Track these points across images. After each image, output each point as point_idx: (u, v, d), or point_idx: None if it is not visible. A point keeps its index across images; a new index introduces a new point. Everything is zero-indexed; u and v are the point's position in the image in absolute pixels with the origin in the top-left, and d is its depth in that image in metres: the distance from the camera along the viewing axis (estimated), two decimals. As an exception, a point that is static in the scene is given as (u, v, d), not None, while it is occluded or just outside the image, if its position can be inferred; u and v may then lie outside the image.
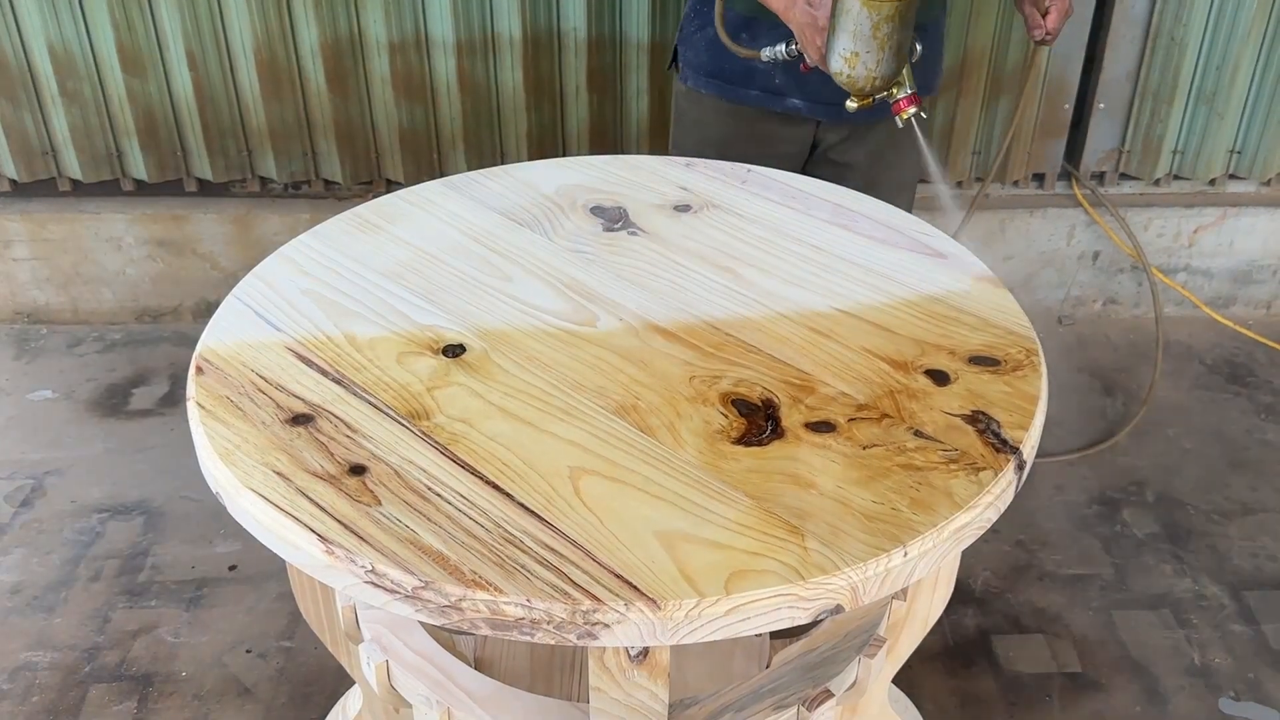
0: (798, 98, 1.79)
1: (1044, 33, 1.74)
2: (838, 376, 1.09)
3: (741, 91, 1.81)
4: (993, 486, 0.95)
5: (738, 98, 1.82)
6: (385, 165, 2.58)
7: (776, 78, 1.78)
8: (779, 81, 1.78)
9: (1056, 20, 1.73)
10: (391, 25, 2.40)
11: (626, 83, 2.50)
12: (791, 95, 1.79)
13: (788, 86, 1.78)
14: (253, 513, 0.92)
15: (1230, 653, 1.85)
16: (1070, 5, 1.75)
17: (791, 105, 1.80)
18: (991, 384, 1.08)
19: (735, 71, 1.79)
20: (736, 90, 1.81)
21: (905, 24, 1.48)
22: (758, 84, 1.80)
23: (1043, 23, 1.73)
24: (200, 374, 1.08)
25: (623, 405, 1.05)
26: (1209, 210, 2.66)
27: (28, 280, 2.68)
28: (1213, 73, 2.50)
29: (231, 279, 2.67)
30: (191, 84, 2.46)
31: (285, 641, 1.85)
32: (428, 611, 0.86)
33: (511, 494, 0.94)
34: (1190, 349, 2.66)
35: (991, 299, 1.22)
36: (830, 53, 1.52)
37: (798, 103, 1.79)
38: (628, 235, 1.35)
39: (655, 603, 0.84)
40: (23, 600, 1.94)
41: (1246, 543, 2.08)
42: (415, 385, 1.07)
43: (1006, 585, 1.99)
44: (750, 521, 0.91)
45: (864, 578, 0.87)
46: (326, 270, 1.26)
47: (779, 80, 1.78)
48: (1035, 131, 2.58)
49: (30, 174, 2.58)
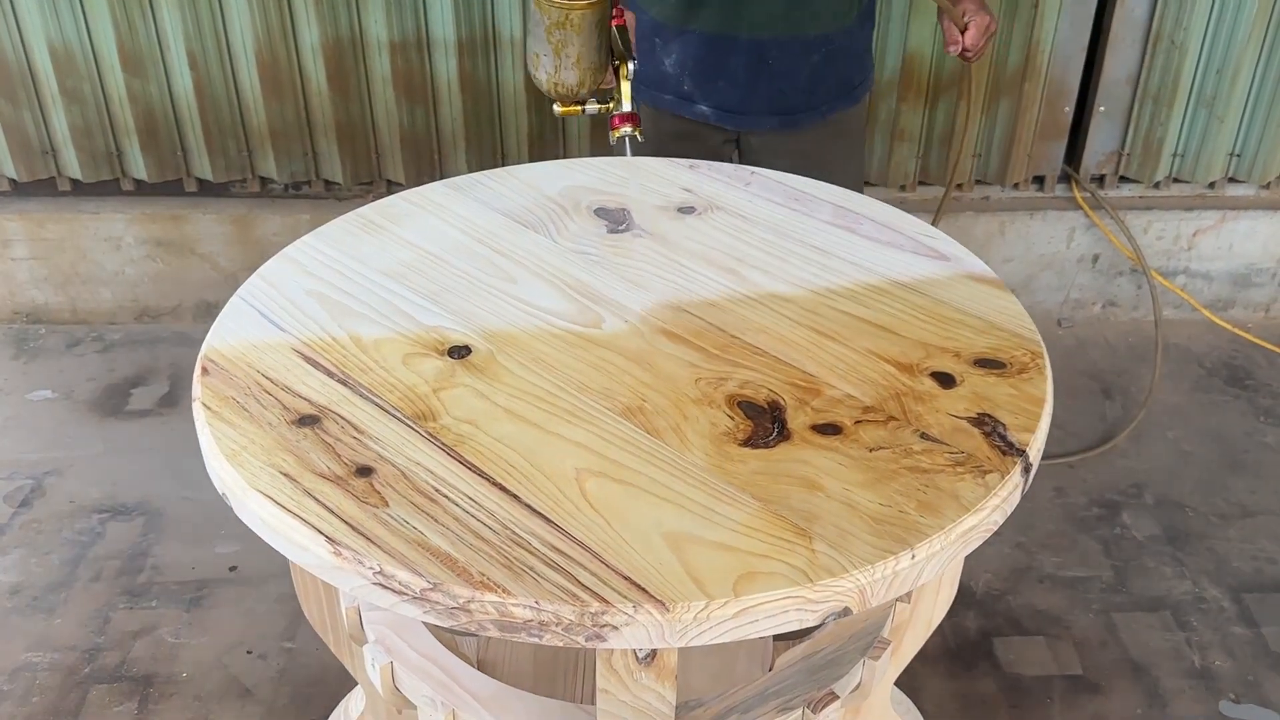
0: (705, 104, 1.77)
1: (960, 49, 1.72)
2: (843, 379, 1.09)
3: (658, 96, 1.80)
4: (999, 489, 0.95)
5: (655, 102, 1.81)
6: (386, 165, 2.58)
7: (685, 84, 1.76)
8: (687, 88, 1.76)
9: (975, 37, 1.71)
10: (393, 25, 2.40)
11: (627, 84, 2.49)
12: (699, 102, 1.77)
13: (695, 94, 1.76)
14: (260, 514, 0.92)
15: (1230, 655, 1.86)
16: (994, 23, 1.73)
17: (700, 112, 1.78)
18: (997, 387, 1.08)
19: (651, 75, 1.78)
20: (653, 94, 1.80)
21: (582, 35, 1.39)
22: (670, 89, 1.78)
23: (960, 39, 1.71)
24: (206, 375, 1.08)
25: (629, 407, 1.05)
26: (1208, 213, 2.66)
27: (26, 280, 2.67)
28: (1213, 76, 2.51)
29: (231, 279, 2.67)
30: (192, 83, 2.46)
31: (286, 642, 1.85)
32: (436, 613, 0.86)
33: (518, 496, 0.94)
34: (1189, 352, 2.66)
35: (995, 302, 1.22)
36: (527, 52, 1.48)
37: (705, 109, 1.77)
38: (632, 237, 1.35)
39: (664, 605, 0.84)
40: (22, 601, 1.93)
41: (1246, 545, 2.09)
42: (421, 386, 1.07)
43: (1007, 587, 1.99)
44: (757, 524, 0.91)
45: (872, 580, 0.87)
46: (331, 271, 1.26)
47: (687, 86, 1.76)
48: (1035, 134, 2.59)
49: (30, 173, 2.58)
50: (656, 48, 1.72)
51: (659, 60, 1.75)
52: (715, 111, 1.76)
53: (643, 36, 1.74)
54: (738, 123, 1.77)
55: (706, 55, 1.70)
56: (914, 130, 2.56)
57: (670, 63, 1.73)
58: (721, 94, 1.74)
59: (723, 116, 1.76)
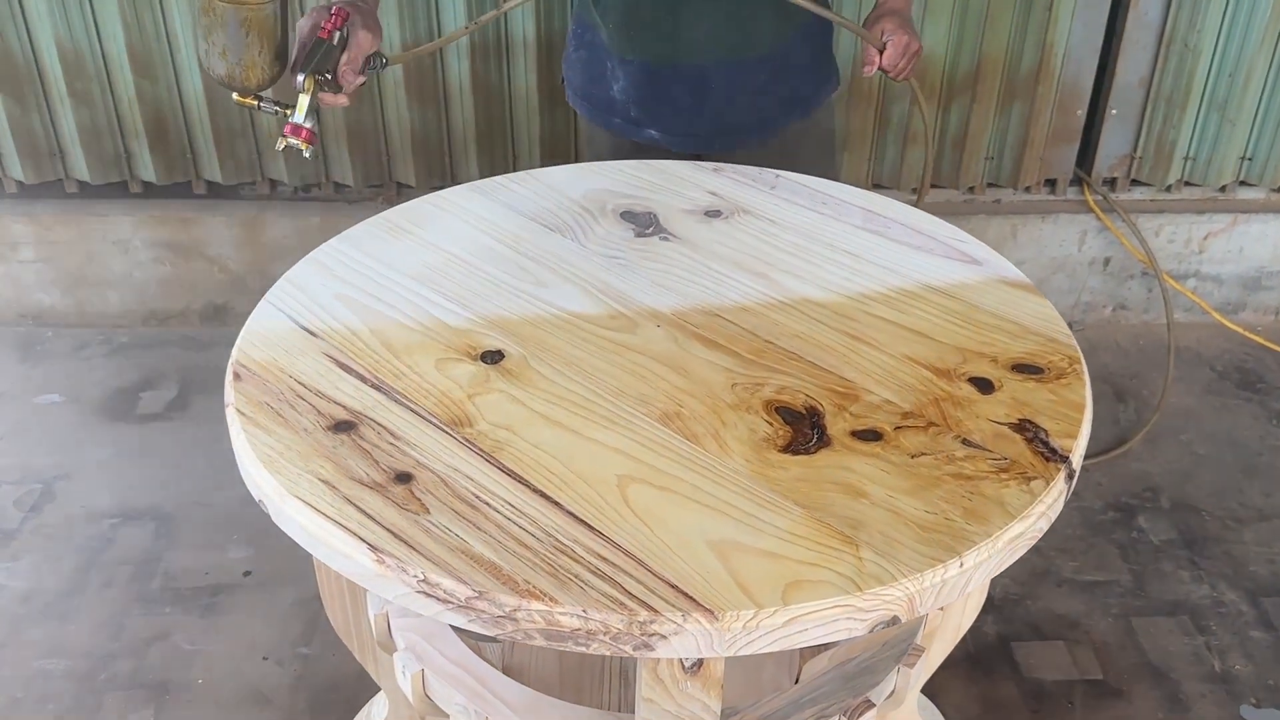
0: (653, 129, 1.71)
1: (874, 68, 1.60)
2: (881, 384, 1.09)
3: (608, 119, 1.74)
4: (1045, 496, 0.95)
5: (607, 125, 1.75)
6: (397, 168, 2.57)
7: (631, 109, 1.71)
8: (634, 114, 1.71)
9: (893, 56, 1.58)
10: (405, 27, 2.39)
11: (640, 86, 2.49)
12: (647, 127, 1.71)
13: (642, 119, 1.71)
14: (300, 521, 0.91)
15: (1250, 659, 1.85)
16: (914, 42, 1.60)
17: (649, 136, 1.72)
18: (1036, 392, 1.07)
19: (599, 98, 1.73)
20: (605, 117, 1.75)
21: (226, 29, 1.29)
22: (617, 113, 1.73)
23: (875, 59, 1.59)
24: (238, 380, 1.06)
25: (666, 413, 1.04)
26: (1220, 216, 2.66)
27: (33, 282, 2.65)
28: (1225, 79, 2.50)
29: (240, 282, 2.65)
30: (202, 85, 2.44)
31: (303, 648, 1.84)
32: (481, 622, 0.85)
33: (560, 503, 0.93)
34: (1200, 355, 2.66)
35: (1030, 306, 1.22)
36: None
37: (654, 134, 1.71)
38: (660, 241, 1.34)
39: (712, 613, 0.83)
40: (35, 607, 1.92)
41: (1263, 549, 2.08)
42: (456, 392, 1.06)
43: (1025, 592, 1.98)
44: (803, 531, 0.91)
45: (921, 588, 0.86)
46: (358, 275, 1.25)
47: (634, 112, 1.70)
48: (1048, 137, 2.58)
49: (38, 175, 2.56)
50: (607, 73, 1.68)
51: (608, 85, 1.71)
52: (664, 136, 1.71)
53: (594, 59, 1.70)
54: (684, 145, 1.72)
55: (648, 83, 1.66)
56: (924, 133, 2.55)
57: (618, 89, 1.69)
58: (668, 120, 1.69)
59: (671, 141, 1.72)
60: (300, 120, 1.37)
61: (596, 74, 1.71)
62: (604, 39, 1.67)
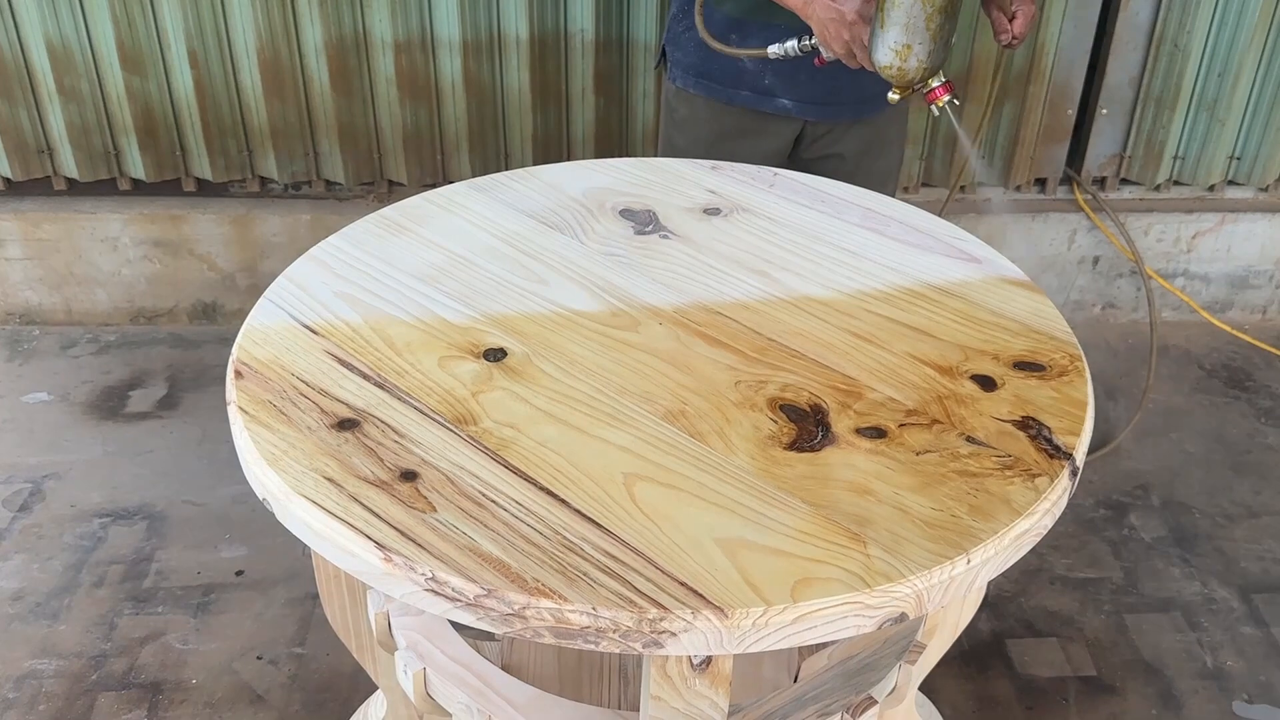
0: (787, 98, 1.79)
1: (1010, 37, 1.72)
2: (884, 382, 1.09)
3: (731, 92, 1.82)
4: (1049, 493, 0.95)
5: (727, 98, 1.82)
6: (388, 166, 2.56)
7: (766, 78, 1.78)
8: (768, 82, 1.78)
9: (1023, 25, 1.71)
10: (397, 24, 2.38)
11: (633, 86, 2.49)
12: (780, 96, 1.79)
13: (776, 87, 1.79)
14: (305, 519, 0.91)
15: (1242, 656, 1.87)
16: (1036, 12, 1.73)
17: (781, 105, 1.80)
18: (1039, 390, 1.08)
19: (724, 72, 1.80)
20: (726, 91, 1.82)
21: (953, 13, 1.50)
22: (747, 84, 1.80)
23: (1009, 27, 1.71)
24: (240, 378, 1.06)
25: (670, 410, 1.04)
26: (1208, 216, 2.68)
27: (20, 280, 2.63)
28: (1215, 79, 2.52)
29: (229, 280, 2.64)
30: (192, 82, 2.43)
31: (296, 648, 1.83)
32: (490, 620, 0.84)
33: (567, 500, 0.93)
34: (1189, 353, 2.68)
35: (1030, 304, 1.22)
36: (878, 47, 1.51)
37: (787, 103, 1.80)
38: (659, 239, 1.34)
39: (722, 611, 0.83)
40: (25, 607, 1.90)
41: (1253, 546, 2.10)
42: (459, 390, 1.06)
43: (1018, 589, 1.99)
44: (811, 528, 0.91)
45: (929, 585, 0.87)
46: (358, 273, 1.24)
47: (768, 81, 1.78)
48: (1038, 136, 2.59)
49: (25, 172, 2.54)
50: (732, 43, 1.72)
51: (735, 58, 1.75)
52: (798, 105, 1.79)
53: (718, 34, 1.73)
54: (821, 113, 1.80)
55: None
56: (918, 132, 2.57)
57: (748, 59, 1.74)
58: (804, 87, 1.76)
59: (805, 109, 1.79)
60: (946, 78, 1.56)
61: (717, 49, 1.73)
62: (729, 10, 1.73)
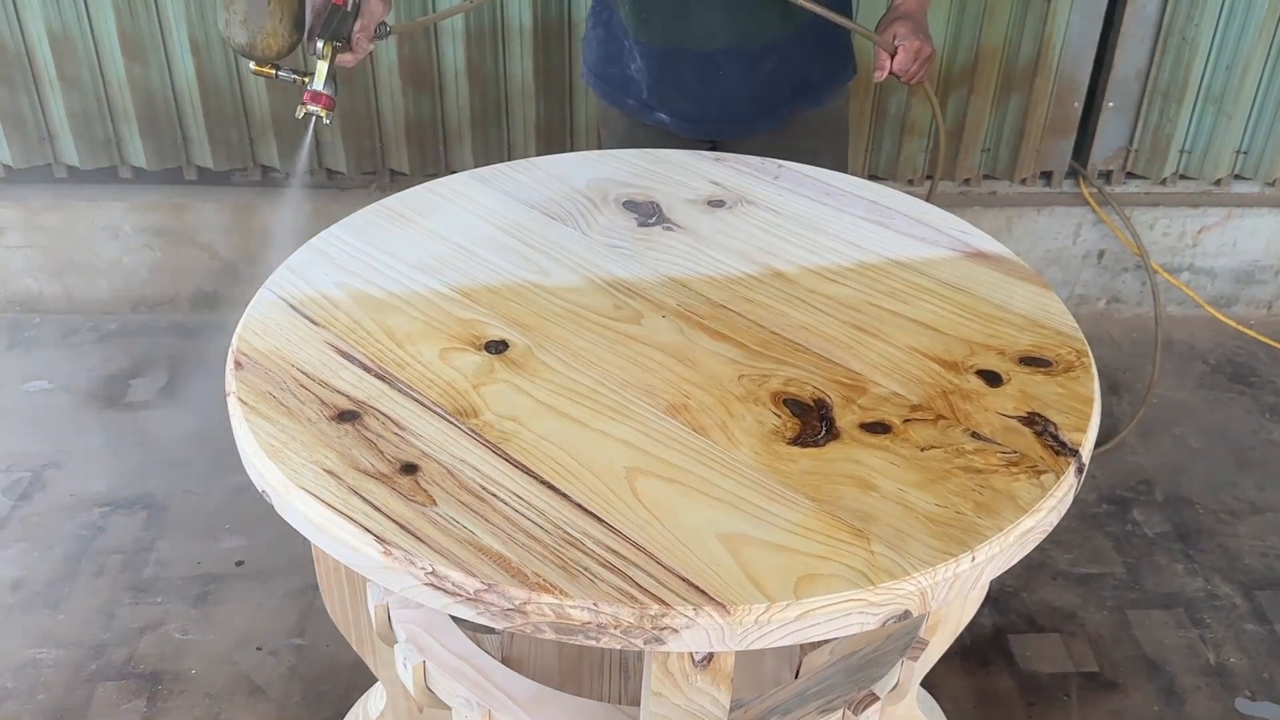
0: (662, 113, 1.71)
1: (885, 74, 1.59)
2: (888, 376, 1.08)
3: (622, 99, 1.75)
4: (1055, 490, 0.95)
5: (620, 105, 1.75)
6: (390, 155, 2.55)
7: (644, 92, 1.71)
8: (646, 96, 1.71)
9: (903, 61, 1.57)
10: (400, 12, 2.36)
11: (636, 75, 2.47)
12: (657, 110, 1.71)
13: (653, 101, 1.71)
14: (304, 512, 0.90)
15: (1245, 652, 1.86)
16: (927, 47, 1.58)
17: (659, 120, 1.72)
18: (1044, 385, 1.07)
19: (617, 79, 1.73)
20: (619, 97, 1.75)
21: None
22: (633, 94, 1.73)
23: (886, 64, 1.58)
24: (239, 369, 1.05)
25: (673, 404, 1.03)
26: (1214, 210, 2.67)
27: (21, 268, 2.63)
28: (1222, 73, 2.50)
29: (230, 269, 2.63)
30: (194, 70, 2.42)
31: (296, 639, 1.83)
32: (490, 615, 0.84)
33: (568, 494, 0.92)
34: (1193, 348, 2.67)
35: (1036, 299, 1.21)
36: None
37: (664, 118, 1.72)
38: (663, 230, 1.33)
39: (724, 607, 0.82)
40: (25, 596, 1.90)
41: (1256, 542, 2.09)
42: (460, 382, 1.05)
43: (1021, 584, 1.98)
44: (813, 524, 0.90)
45: (933, 582, 0.86)
46: (359, 263, 1.23)
47: (646, 95, 1.71)
48: (1044, 129, 2.58)
49: (26, 160, 2.54)
50: (624, 52, 1.68)
51: (625, 64, 1.71)
52: (673, 120, 1.72)
53: (611, 38, 1.70)
54: (695, 131, 1.72)
55: (660, 67, 1.66)
56: (923, 125, 2.55)
57: (634, 69, 1.70)
58: (677, 103, 1.69)
59: (679, 125, 1.72)
60: (320, 87, 1.43)
61: (614, 52, 1.70)
62: (621, 18, 1.67)
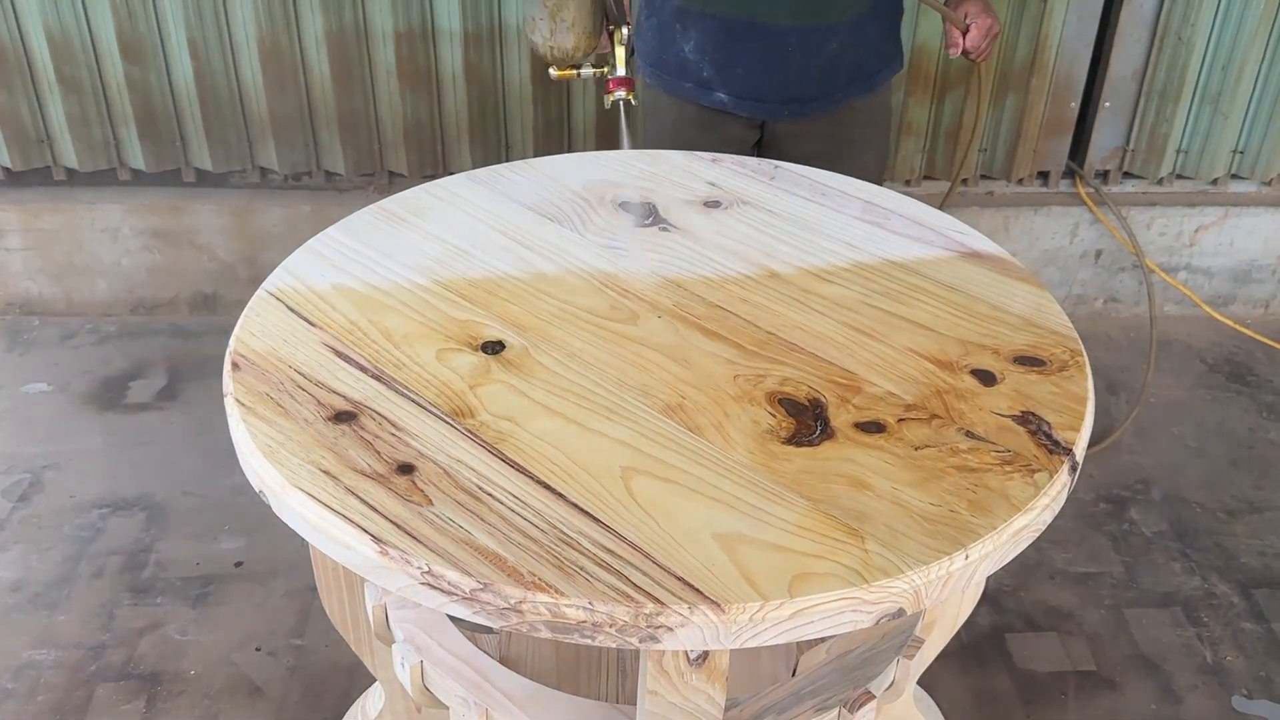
0: (723, 92, 1.76)
1: (961, 51, 1.72)
2: (883, 376, 1.08)
3: (678, 84, 1.80)
4: (1049, 489, 0.95)
5: (676, 90, 1.81)
6: (388, 157, 2.56)
7: (704, 71, 1.76)
8: (706, 75, 1.76)
9: (976, 38, 1.70)
10: (398, 15, 2.37)
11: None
12: (717, 90, 1.76)
13: (714, 80, 1.76)
14: (301, 512, 0.90)
15: (1242, 651, 1.86)
16: (996, 24, 1.73)
17: (719, 100, 1.77)
18: (1039, 385, 1.07)
19: (672, 63, 1.78)
20: (675, 82, 1.80)
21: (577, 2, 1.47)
22: (690, 77, 1.78)
23: (960, 41, 1.72)
24: (237, 370, 1.05)
25: (669, 404, 1.04)
26: (1211, 210, 2.67)
27: (20, 271, 2.63)
28: (1218, 73, 2.51)
29: (229, 271, 2.64)
30: (193, 72, 2.42)
31: (295, 639, 1.83)
32: (486, 614, 0.84)
33: (564, 494, 0.92)
34: (1191, 348, 2.67)
35: (1031, 299, 1.22)
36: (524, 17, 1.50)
37: (724, 97, 1.77)
38: (659, 231, 1.33)
39: (719, 606, 0.82)
40: (24, 597, 1.90)
41: (1254, 541, 2.10)
42: (457, 383, 1.05)
43: (1018, 583, 1.99)
44: (808, 523, 0.90)
45: (927, 581, 0.86)
46: (356, 265, 1.24)
47: (706, 74, 1.76)
48: (1041, 129, 2.59)
49: (25, 162, 2.54)
50: (677, 34, 1.71)
51: (679, 47, 1.74)
52: (733, 99, 1.76)
53: (664, 24, 1.72)
54: (754, 110, 1.76)
55: (726, 42, 1.70)
56: (920, 124, 2.56)
57: (690, 49, 1.73)
58: (740, 81, 1.74)
59: (740, 104, 1.76)
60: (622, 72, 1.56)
61: (668, 38, 1.74)
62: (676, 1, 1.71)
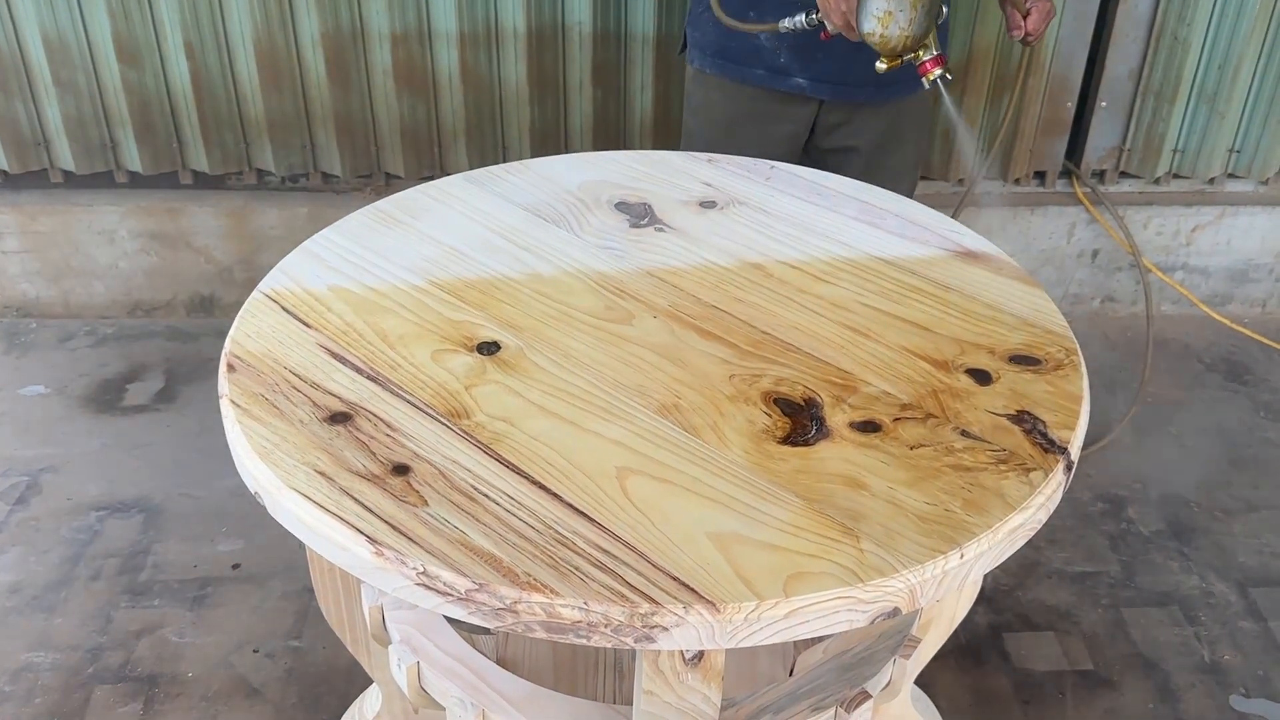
0: (802, 77, 1.80)
1: (1024, 33, 1.74)
2: (879, 375, 1.08)
3: (746, 71, 1.82)
4: (1044, 487, 0.95)
5: (742, 77, 1.83)
6: (385, 159, 2.55)
7: (781, 56, 1.78)
8: (783, 60, 1.79)
9: (1037, 21, 1.73)
10: (394, 16, 2.37)
11: (631, 77, 2.48)
12: (795, 74, 1.80)
13: (791, 65, 1.79)
14: (296, 513, 0.90)
15: (1239, 650, 1.86)
16: (1052, 7, 1.76)
17: (795, 85, 1.81)
18: (1034, 384, 1.07)
19: (740, 51, 1.80)
20: (741, 70, 1.82)
21: None
22: (763, 63, 1.81)
23: (1022, 23, 1.74)
24: (232, 371, 1.05)
25: (664, 404, 1.04)
26: (1207, 209, 2.67)
27: (17, 273, 2.63)
28: (1215, 72, 2.51)
29: (226, 273, 2.63)
30: (189, 74, 2.42)
31: (293, 641, 1.83)
32: (481, 614, 0.84)
33: (559, 494, 0.92)
34: (1188, 347, 2.67)
35: (1027, 298, 1.22)
36: (862, 14, 1.53)
37: (802, 81, 1.80)
38: (655, 231, 1.33)
39: (714, 605, 0.82)
40: (22, 600, 1.90)
41: (1251, 540, 2.10)
42: (452, 383, 1.05)
43: (1016, 582, 1.99)
44: (803, 523, 0.90)
45: (922, 580, 0.86)
46: (352, 266, 1.24)
47: (783, 59, 1.79)
48: (1037, 129, 2.59)
49: (22, 165, 2.54)
50: (750, 20, 1.72)
51: (754, 35, 1.75)
52: (812, 84, 1.79)
53: (735, 11, 1.73)
54: (835, 93, 1.79)
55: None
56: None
57: (765, 35, 1.75)
58: (819, 65, 1.77)
59: (819, 88, 1.79)
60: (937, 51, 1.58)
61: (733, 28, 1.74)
62: None
